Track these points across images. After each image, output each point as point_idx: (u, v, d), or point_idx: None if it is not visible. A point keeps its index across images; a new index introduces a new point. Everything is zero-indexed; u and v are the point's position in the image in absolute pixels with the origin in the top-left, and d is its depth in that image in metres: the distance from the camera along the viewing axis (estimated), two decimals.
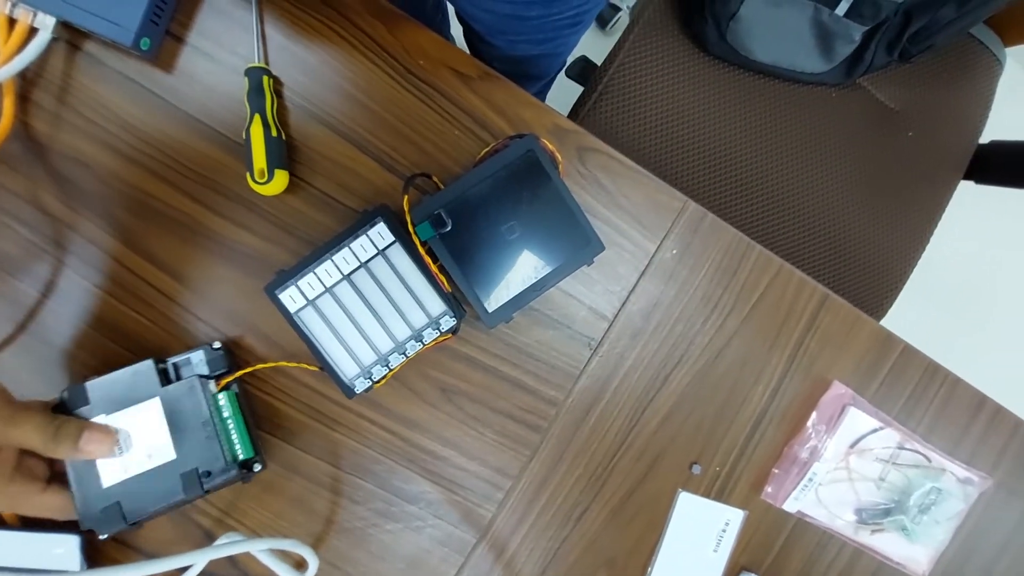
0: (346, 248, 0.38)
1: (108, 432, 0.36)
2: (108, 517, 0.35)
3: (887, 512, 0.46)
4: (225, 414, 0.38)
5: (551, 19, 0.51)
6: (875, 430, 0.45)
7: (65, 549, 0.38)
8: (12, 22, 0.38)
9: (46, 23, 0.38)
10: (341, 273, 0.38)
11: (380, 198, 0.41)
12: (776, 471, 0.45)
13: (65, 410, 0.36)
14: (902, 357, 0.46)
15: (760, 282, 0.44)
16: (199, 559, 0.34)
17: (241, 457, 0.38)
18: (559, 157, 0.41)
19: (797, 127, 0.74)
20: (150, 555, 0.41)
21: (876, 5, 0.65)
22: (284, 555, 0.40)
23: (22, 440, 0.33)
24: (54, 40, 0.39)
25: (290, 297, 0.38)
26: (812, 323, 0.45)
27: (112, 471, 0.36)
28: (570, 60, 0.90)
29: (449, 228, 0.38)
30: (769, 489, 0.45)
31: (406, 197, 0.38)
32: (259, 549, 0.37)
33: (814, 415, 0.45)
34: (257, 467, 0.39)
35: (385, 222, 0.38)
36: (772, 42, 0.69)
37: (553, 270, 0.39)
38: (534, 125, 0.42)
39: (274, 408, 0.42)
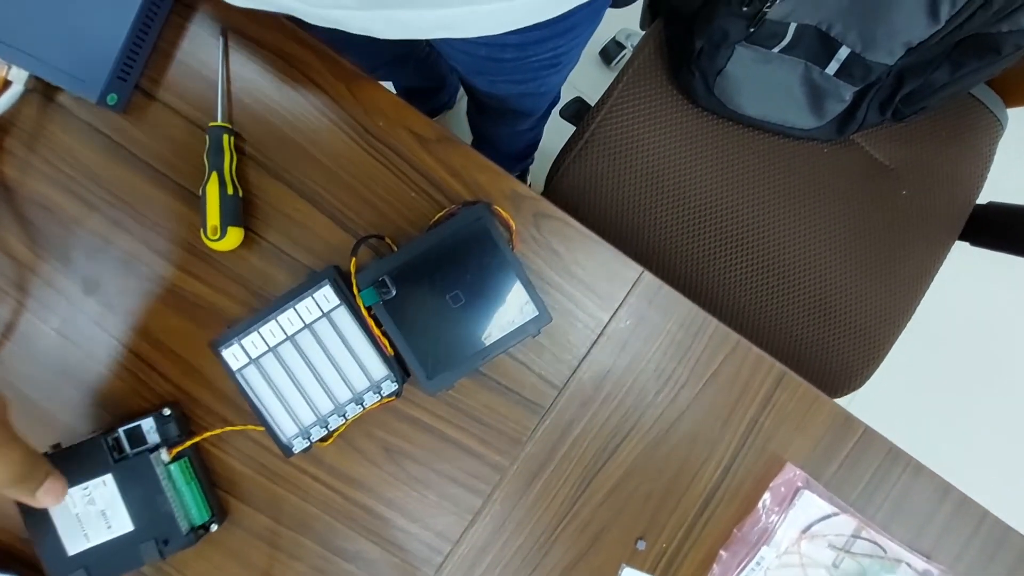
0: (291, 309, 0.38)
1: (63, 489, 0.33)
2: None
3: None
4: (179, 484, 0.39)
5: (527, 61, 0.51)
6: (829, 516, 0.44)
7: None
8: None
9: (19, 76, 0.39)
10: (285, 333, 0.38)
11: (333, 255, 0.42)
12: (723, 553, 0.44)
13: None
14: (862, 440, 0.45)
15: (716, 357, 0.44)
16: None
17: (197, 523, 0.39)
18: (513, 224, 0.41)
19: (786, 181, 0.73)
20: None
21: (866, 67, 0.64)
22: None
23: None
24: (28, 91, 0.40)
25: (233, 355, 0.38)
26: (768, 401, 0.44)
27: (75, 540, 0.38)
28: (566, 100, 0.91)
29: (394, 295, 0.38)
30: (716, 570, 0.44)
31: (353, 260, 0.38)
32: None
33: (766, 496, 0.44)
34: (214, 527, 0.40)
35: (331, 285, 0.38)
36: (761, 97, 0.68)
37: (498, 340, 0.39)
38: (490, 190, 0.42)
39: (219, 460, 0.42)
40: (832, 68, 0.65)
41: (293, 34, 0.41)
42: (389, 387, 0.39)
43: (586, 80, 1.24)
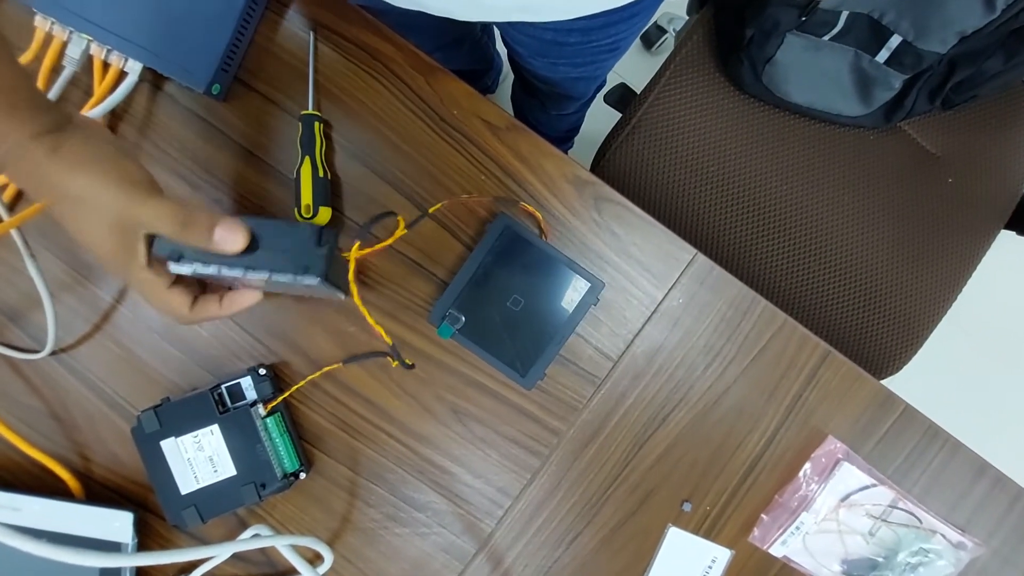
0: None
1: (239, 229, 0.33)
2: (189, 517, 0.42)
3: (874, 566, 0.47)
4: (274, 436, 0.43)
5: (589, 45, 0.53)
6: (867, 487, 0.47)
7: (120, 523, 0.44)
8: (106, 66, 0.44)
9: (134, 68, 0.43)
10: None
11: (408, 232, 0.45)
12: (765, 516, 0.47)
13: (141, 434, 0.42)
14: (902, 418, 0.47)
15: (763, 335, 0.46)
16: (224, 551, 0.40)
17: (289, 471, 0.44)
18: (539, 216, 0.44)
19: (832, 168, 0.74)
20: (191, 535, 0.47)
21: (918, 55, 0.64)
22: (303, 549, 0.45)
23: (150, 223, 0.31)
24: (140, 81, 0.44)
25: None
26: (812, 378, 0.47)
27: (187, 482, 0.43)
28: (609, 86, 0.93)
29: (463, 321, 0.42)
30: (756, 532, 0.47)
31: (357, 243, 0.42)
32: (281, 544, 0.42)
33: (807, 466, 0.47)
34: (302, 475, 0.45)
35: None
36: (809, 85, 0.69)
37: (566, 321, 0.43)
38: (555, 174, 0.45)
39: (305, 415, 0.47)
40: (882, 56, 0.65)
41: (376, 30, 0.45)
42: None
43: (627, 65, 1.24)
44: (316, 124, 0.43)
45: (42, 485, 0.47)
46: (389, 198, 0.45)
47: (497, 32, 0.91)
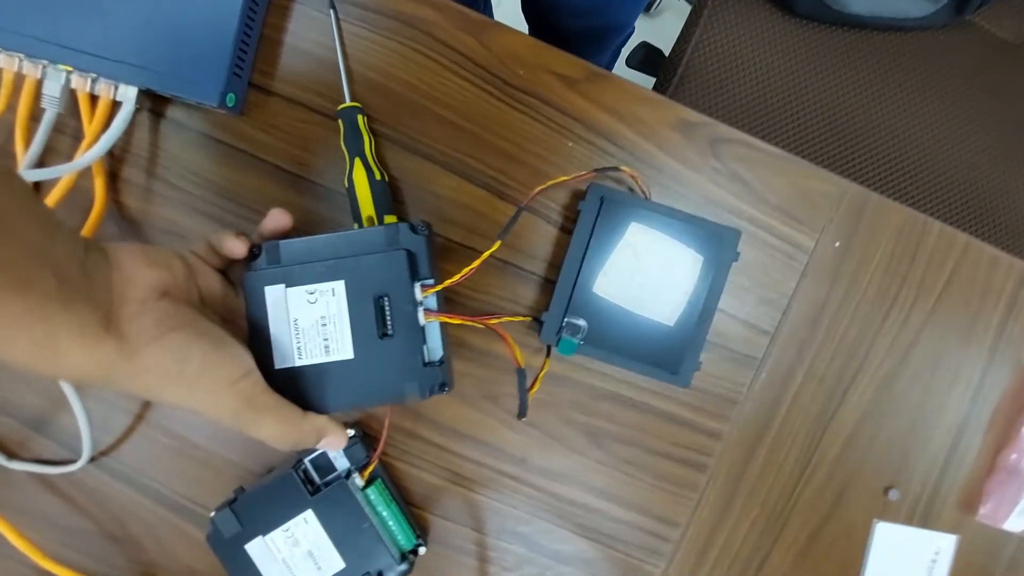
0: None
1: (342, 435, 0.32)
2: None
3: None
4: (379, 509, 0.35)
5: None
6: None
7: None
8: (94, 99, 0.36)
9: (128, 95, 0.35)
10: None
11: (494, 228, 0.37)
12: (990, 486, 0.38)
13: (219, 540, 0.34)
14: None
15: (944, 266, 0.38)
16: None
17: (406, 548, 0.35)
18: (635, 175, 0.36)
19: (908, 79, 0.65)
20: None
21: None
22: None
23: (262, 432, 0.29)
24: (136, 111, 0.36)
25: None
26: (1013, 305, 0.38)
27: None
28: (629, 49, 0.85)
29: (585, 327, 0.34)
30: (984, 509, 0.38)
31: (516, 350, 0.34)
32: None
33: None
34: (422, 550, 0.36)
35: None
36: None
37: (708, 293, 0.34)
38: (654, 122, 0.37)
39: (407, 474, 0.38)
40: None
41: None
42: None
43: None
44: (360, 118, 0.35)
45: None
46: (461, 191, 0.37)
47: None
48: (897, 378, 0.38)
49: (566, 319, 0.34)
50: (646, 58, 0.81)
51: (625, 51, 0.83)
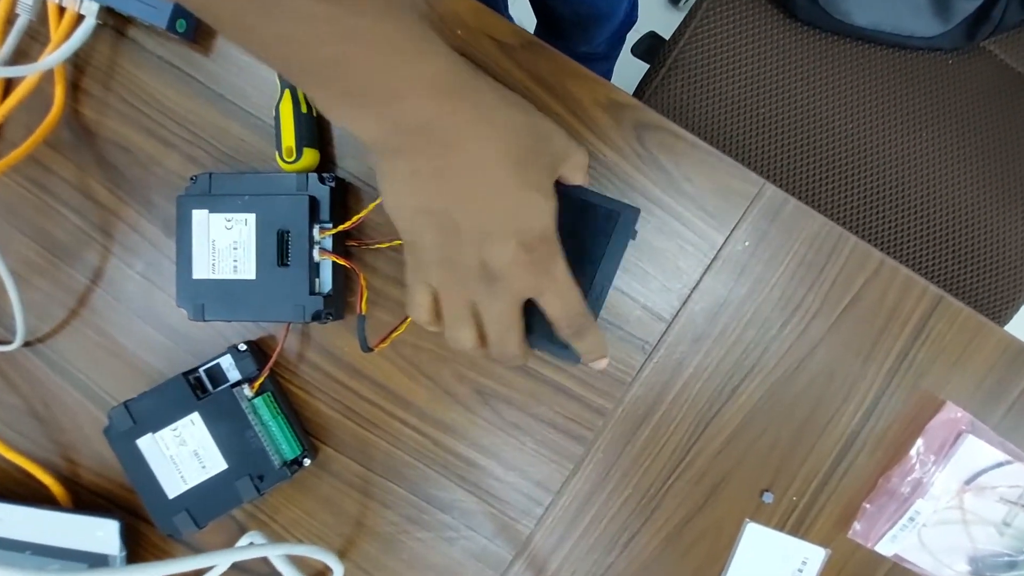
0: None
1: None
2: (182, 523, 0.37)
3: (1012, 565, 0.38)
4: (265, 419, 0.37)
5: None
6: (1000, 464, 0.37)
7: (105, 532, 0.39)
8: (62, 10, 0.38)
9: (91, 9, 0.37)
10: None
11: None
12: (868, 506, 0.38)
13: (115, 433, 0.37)
14: None
15: (855, 280, 0.37)
16: (221, 560, 0.34)
17: (289, 458, 0.38)
18: None
19: (905, 101, 0.63)
20: (186, 544, 0.41)
21: None
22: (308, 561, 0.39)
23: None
24: (100, 26, 0.39)
25: None
26: (921, 330, 0.37)
27: (174, 483, 0.37)
28: (637, 36, 0.84)
29: None
30: (858, 526, 0.38)
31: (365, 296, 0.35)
32: (280, 554, 0.35)
33: (920, 442, 0.37)
34: (307, 461, 0.39)
35: None
36: (873, 3, 0.59)
37: (601, 272, 0.34)
38: (584, 99, 0.37)
39: (306, 403, 0.40)
40: None
41: None
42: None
43: (653, 20, 1.16)
44: None
45: (26, 492, 0.42)
46: None
47: None
48: (789, 384, 0.38)
49: None
50: (651, 48, 0.80)
51: (631, 40, 0.82)
